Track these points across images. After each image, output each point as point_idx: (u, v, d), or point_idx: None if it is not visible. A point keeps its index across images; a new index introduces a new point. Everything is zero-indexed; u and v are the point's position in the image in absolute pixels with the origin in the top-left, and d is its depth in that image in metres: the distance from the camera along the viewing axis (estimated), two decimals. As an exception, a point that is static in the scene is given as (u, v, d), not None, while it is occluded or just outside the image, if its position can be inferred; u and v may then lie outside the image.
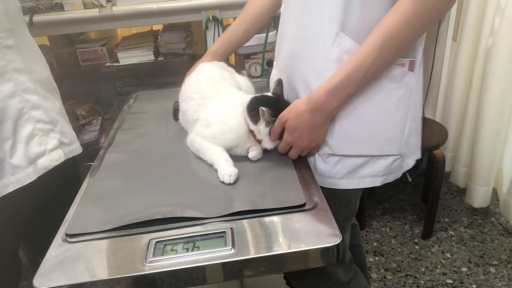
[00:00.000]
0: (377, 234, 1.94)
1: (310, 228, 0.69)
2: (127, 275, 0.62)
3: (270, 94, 0.92)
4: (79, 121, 2.09)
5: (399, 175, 0.93)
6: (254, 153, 0.89)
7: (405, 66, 0.82)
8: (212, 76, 1.01)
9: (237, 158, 0.88)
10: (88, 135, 2.04)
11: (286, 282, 1.48)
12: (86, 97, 2.19)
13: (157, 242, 0.67)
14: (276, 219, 0.71)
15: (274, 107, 0.84)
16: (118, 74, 2.07)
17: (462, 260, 1.76)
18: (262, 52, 1.78)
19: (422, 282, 1.66)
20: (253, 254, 0.64)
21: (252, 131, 0.88)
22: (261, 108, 0.82)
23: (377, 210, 2.10)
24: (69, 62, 2.03)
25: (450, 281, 1.66)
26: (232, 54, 1.39)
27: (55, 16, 1.68)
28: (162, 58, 1.90)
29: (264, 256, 0.64)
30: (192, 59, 1.88)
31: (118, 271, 0.63)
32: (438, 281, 1.66)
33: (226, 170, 0.82)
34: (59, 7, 1.72)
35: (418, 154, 0.95)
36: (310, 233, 0.67)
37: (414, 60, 0.83)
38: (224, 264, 0.64)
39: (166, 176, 0.86)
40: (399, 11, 0.72)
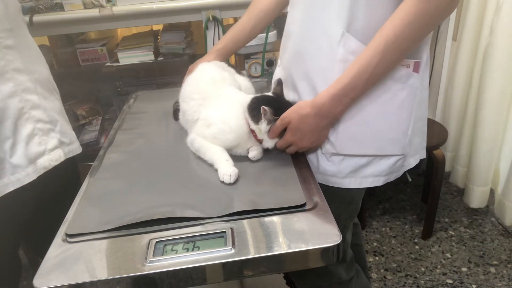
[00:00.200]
0: (377, 234, 1.94)
1: (310, 228, 0.69)
2: (127, 275, 0.62)
3: (270, 94, 0.92)
4: (79, 121, 2.09)
5: (400, 174, 0.93)
6: (254, 153, 0.89)
7: (410, 67, 0.82)
8: (212, 76, 1.01)
9: (237, 158, 0.88)
10: (88, 135, 2.04)
11: (286, 282, 1.48)
12: (86, 97, 2.18)
13: (157, 242, 0.67)
14: (276, 219, 0.71)
15: (275, 107, 0.85)
16: (118, 74, 2.07)
17: (462, 260, 1.76)
18: (262, 52, 1.78)
19: (422, 282, 1.66)
20: (253, 254, 0.64)
21: (253, 131, 0.88)
22: (263, 107, 0.83)
23: (377, 210, 2.10)
24: (69, 62, 2.03)
25: (450, 281, 1.66)
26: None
27: (55, 16, 1.68)
28: (162, 58, 1.90)
29: (264, 256, 0.64)
30: (192, 59, 1.88)
31: (118, 271, 0.62)
32: (438, 281, 1.66)
33: (226, 170, 0.82)
34: (59, 7, 1.72)
35: (422, 154, 0.95)
36: (310, 233, 0.67)
37: (419, 61, 0.83)
38: (224, 264, 0.64)
39: (166, 176, 0.86)
40: (402, 15, 0.72)
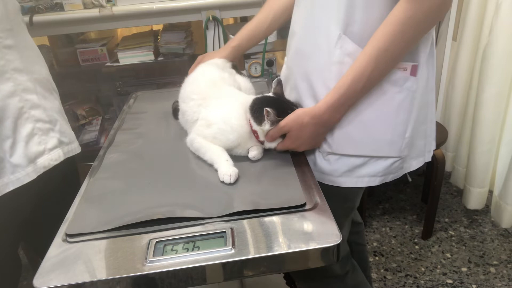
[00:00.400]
0: (377, 234, 1.94)
1: (310, 228, 0.69)
2: (127, 275, 0.62)
3: (271, 95, 0.92)
4: (79, 121, 2.09)
5: (399, 176, 0.93)
6: (254, 153, 0.89)
7: (407, 70, 0.82)
8: (211, 76, 1.01)
9: (237, 158, 0.88)
10: (88, 135, 2.03)
11: (286, 282, 1.48)
12: (86, 97, 2.18)
13: (157, 242, 0.67)
14: (276, 219, 0.71)
15: (278, 107, 0.85)
16: (118, 74, 2.07)
17: (462, 260, 1.76)
18: (262, 52, 1.78)
19: (422, 282, 1.66)
20: (253, 254, 0.64)
21: (254, 132, 0.88)
22: (266, 108, 0.83)
23: (377, 210, 2.10)
24: (69, 62, 2.03)
25: (450, 281, 1.66)
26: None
27: (55, 16, 1.68)
28: (162, 58, 1.90)
29: (264, 256, 0.64)
30: (192, 59, 1.88)
31: (118, 271, 0.62)
32: (438, 281, 1.66)
33: (227, 170, 0.82)
34: (59, 7, 1.72)
35: (427, 157, 0.95)
36: (310, 233, 0.67)
37: (417, 64, 0.83)
38: (224, 264, 0.64)
39: (166, 176, 0.86)
40: (391, 22, 0.73)
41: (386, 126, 0.86)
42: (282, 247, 0.65)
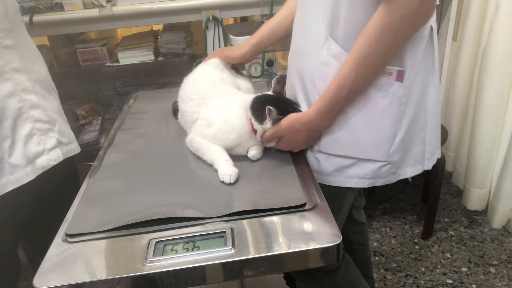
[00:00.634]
0: (377, 234, 1.94)
1: (310, 228, 0.69)
2: (127, 275, 0.62)
3: (271, 93, 0.93)
4: (79, 121, 2.09)
5: (391, 181, 0.91)
6: (254, 152, 0.89)
7: (392, 75, 0.82)
8: (210, 76, 1.01)
9: (237, 158, 0.88)
10: (88, 135, 2.03)
11: (286, 282, 1.48)
12: (86, 97, 2.18)
13: (157, 242, 0.67)
14: (276, 219, 0.71)
15: (279, 106, 0.86)
16: (118, 74, 2.07)
17: (462, 260, 1.75)
18: (262, 52, 1.78)
19: (422, 282, 1.66)
20: (253, 254, 0.64)
21: (255, 131, 0.88)
22: (268, 107, 0.84)
23: (377, 210, 2.10)
24: (69, 62, 2.03)
25: (450, 281, 1.66)
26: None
27: (55, 16, 1.68)
28: (162, 58, 1.90)
29: (264, 256, 0.64)
30: (192, 59, 1.88)
31: (118, 271, 0.62)
32: (438, 281, 1.66)
33: (226, 170, 0.82)
34: (59, 7, 1.72)
35: (427, 165, 0.93)
36: (310, 233, 0.67)
37: (403, 70, 0.81)
38: (224, 264, 0.64)
39: (166, 176, 0.86)
40: (369, 30, 0.74)
41: (371, 129, 0.86)
42: (282, 247, 0.65)
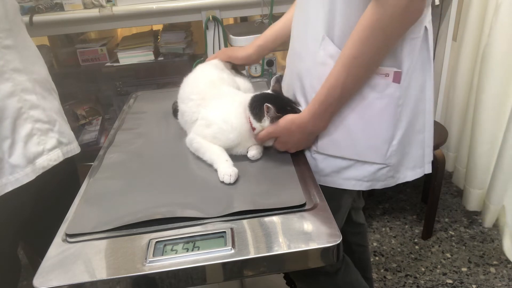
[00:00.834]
0: (377, 234, 1.94)
1: (310, 228, 0.68)
2: (127, 275, 0.62)
3: (270, 92, 0.93)
4: (79, 121, 2.09)
5: (390, 185, 0.91)
6: (253, 152, 0.89)
7: (389, 76, 0.81)
8: (210, 77, 1.01)
9: (237, 158, 0.88)
10: (88, 135, 2.04)
11: (286, 282, 1.48)
12: (86, 97, 2.19)
13: (157, 242, 0.67)
14: (276, 219, 0.71)
15: (277, 104, 0.86)
16: (118, 74, 2.07)
17: (462, 260, 1.75)
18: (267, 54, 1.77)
19: (422, 282, 1.66)
20: (253, 254, 0.64)
21: (254, 129, 0.88)
22: (266, 104, 0.83)
23: (377, 210, 2.10)
24: (69, 62, 2.03)
25: (450, 281, 1.66)
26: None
27: (55, 16, 1.68)
28: (162, 58, 1.90)
29: (264, 256, 0.64)
30: (192, 59, 1.88)
31: (118, 271, 0.62)
32: (438, 281, 1.66)
33: (226, 170, 0.82)
34: (59, 7, 1.72)
35: (427, 169, 0.92)
36: (310, 233, 0.67)
37: (400, 71, 0.81)
38: (224, 264, 0.63)
39: (166, 176, 0.86)
40: (358, 29, 0.74)
41: (368, 131, 0.85)
42: (282, 247, 0.65)
